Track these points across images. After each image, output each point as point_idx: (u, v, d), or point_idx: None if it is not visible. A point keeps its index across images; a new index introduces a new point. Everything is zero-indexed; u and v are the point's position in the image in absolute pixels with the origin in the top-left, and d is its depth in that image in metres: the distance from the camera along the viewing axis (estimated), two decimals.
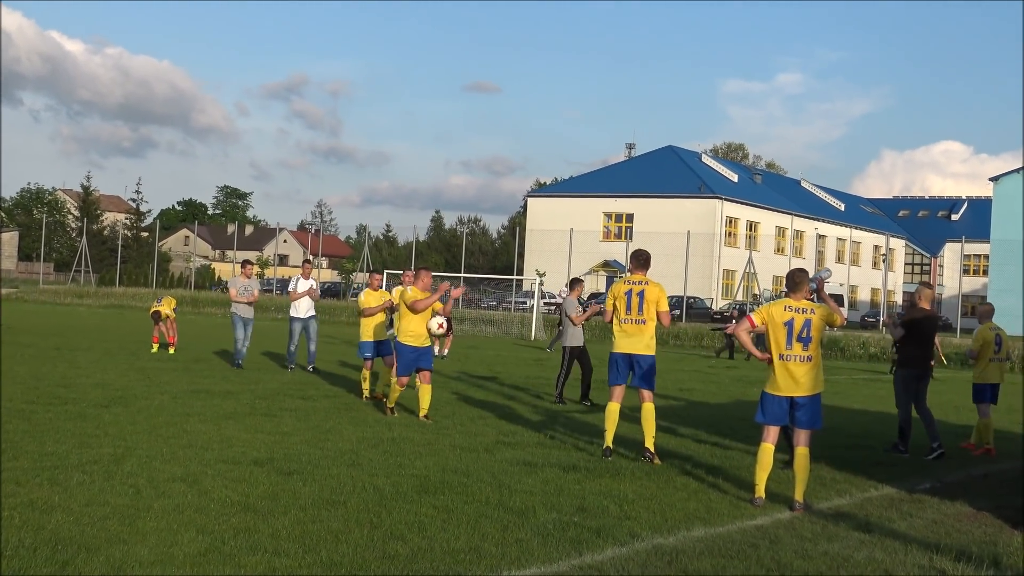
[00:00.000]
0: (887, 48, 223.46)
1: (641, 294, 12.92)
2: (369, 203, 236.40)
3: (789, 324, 10.85)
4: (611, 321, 13.14)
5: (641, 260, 13.28)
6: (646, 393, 12.98)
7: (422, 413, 15.72)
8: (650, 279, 13.10)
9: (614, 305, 13.09)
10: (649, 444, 12.87)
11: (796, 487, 10.64)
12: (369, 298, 18.73)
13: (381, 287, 19.37)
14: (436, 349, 30.48)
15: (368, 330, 18.60)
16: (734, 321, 43.75)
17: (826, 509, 10.65)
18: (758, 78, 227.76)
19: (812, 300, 11.21)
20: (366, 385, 18.36)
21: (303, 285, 23.11)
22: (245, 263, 24.36)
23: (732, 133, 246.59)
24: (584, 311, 19.46)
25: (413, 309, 15.66)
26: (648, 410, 12.95)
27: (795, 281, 11.10)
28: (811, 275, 11.41)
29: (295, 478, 10.61)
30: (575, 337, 19.71)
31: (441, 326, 16.00)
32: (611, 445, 13.02)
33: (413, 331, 15.82)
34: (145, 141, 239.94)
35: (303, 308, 23.09)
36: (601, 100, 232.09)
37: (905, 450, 15.11)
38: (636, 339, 12.91)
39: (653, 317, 12.93)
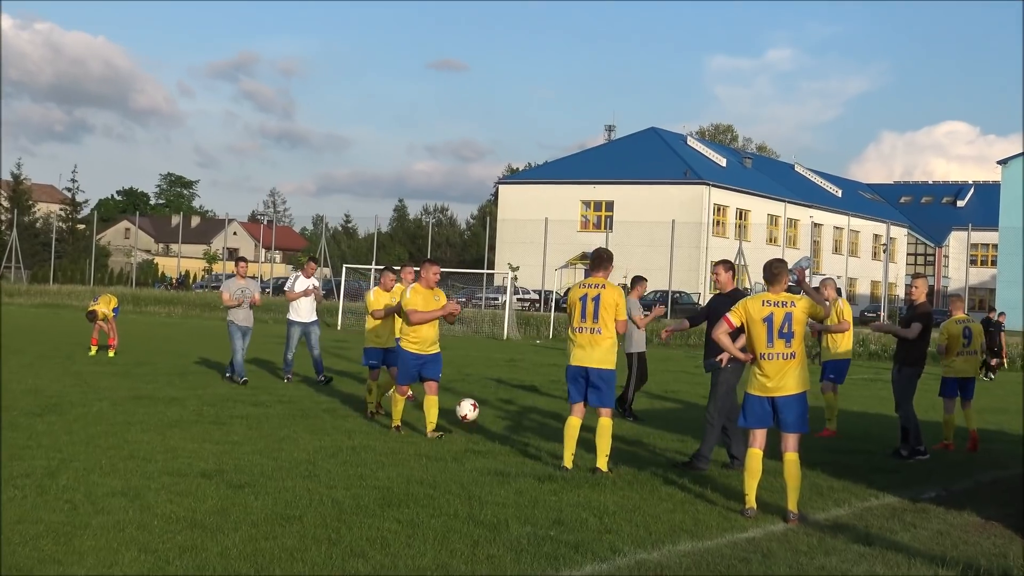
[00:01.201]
0: (885, 21, 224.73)
1: (597, 299, 12.53)
2: (326, 191, 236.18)
3: (768, 320, 10.88)
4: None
5: (601, 261, 12.85)
6: (603, 408, 12.70)
7: (429, 429, 14.89)
8: (609, 283, 12.71)
9: (569, 312, 12.81)
10: (601, 463, 12.50)
11: (788, 496, 10.67)
12: (379, 298, 17.65)
13: (396, 286, 17.94)
14: None
15: (374, 334, 17.53)
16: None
17: (823, 520, 10.70)
18: (746, 54, 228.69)
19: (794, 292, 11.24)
20: (372, 398, 17.26)
21: (302, 284, 22.19)
22: (240, 260, 22.40)
23: (719, 114, 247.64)
24: (648, 313, 18.67)
25: (408, 320, 14.91)
26: (604, 426, 12.60)
27: (772, 272, 11.11)
28: (790, 265, 11.45)
29: (246, 491, 10.58)
30: (640, 342, 19.06)
31: (465, 417, 15.39)
32: (570, 465, 12.62)
33: (416, 335, 14.96)
34: (80, 125, 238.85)
35: (304, 311, 22.16)
36: (578, 79, 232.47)
37: (910, 454, 15.21)
38: (590, 350, 12.58)
39: (611, 325, 12.58)
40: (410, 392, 15.61)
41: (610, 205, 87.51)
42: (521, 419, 17.60)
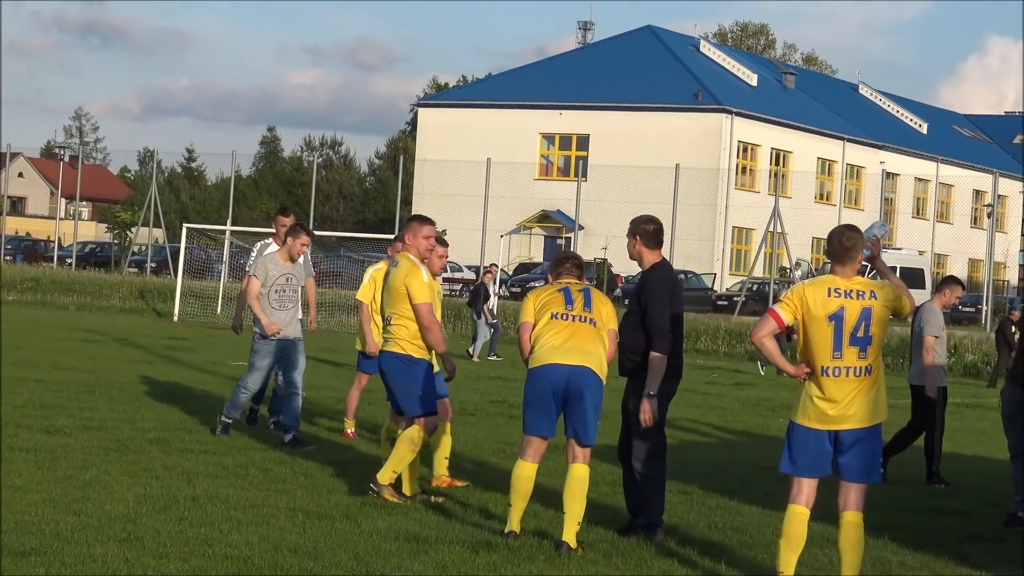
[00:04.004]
0: None
1: (586, 291, 12.77)
2: (157, 114, 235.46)
3: (837, 317, 10.79)
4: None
5: (563, 263, 13.15)
6: (584, 448, 12.58)
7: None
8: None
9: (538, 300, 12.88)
10: (570, 535, 12.32)
11: (844, 573, 10.73)
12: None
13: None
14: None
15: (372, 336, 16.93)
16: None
17: None
18: None
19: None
20: (350, 421, 17.00)
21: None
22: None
23: (748, 8, 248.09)
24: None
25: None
26: (580, 477, 12.46)
27: (844, 246, 10.90)
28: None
29: (33, 561, 10.58)
30: (936, 371, 18.29)
31: None
32: (517, 528, 12.66)
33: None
34: None
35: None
36: None
37: None
38: (575, 347, 12.54)
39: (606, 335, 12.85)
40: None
41: (584, 141, 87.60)
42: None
